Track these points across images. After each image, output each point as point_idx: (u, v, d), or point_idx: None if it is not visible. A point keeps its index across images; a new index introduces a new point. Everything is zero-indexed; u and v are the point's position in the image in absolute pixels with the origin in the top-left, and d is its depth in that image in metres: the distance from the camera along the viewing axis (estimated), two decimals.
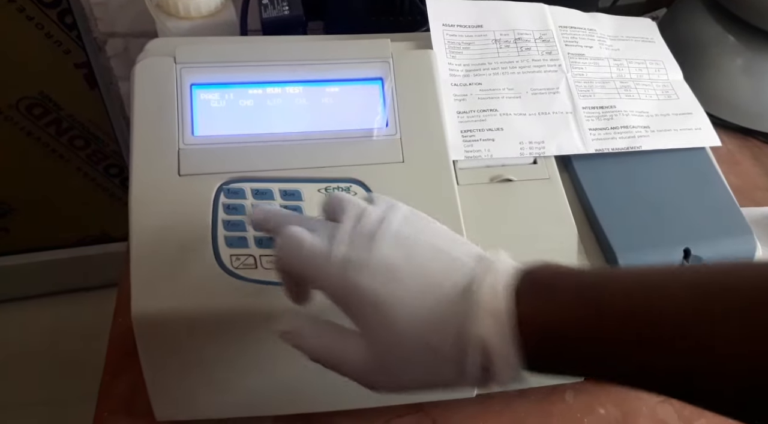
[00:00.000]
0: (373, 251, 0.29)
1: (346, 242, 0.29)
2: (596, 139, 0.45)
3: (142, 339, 0.36)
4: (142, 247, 0.37)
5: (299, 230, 0.30)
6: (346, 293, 0.29)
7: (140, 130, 0.40)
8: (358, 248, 0.29)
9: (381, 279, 0.28)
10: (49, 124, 0.99)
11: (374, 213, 0.30)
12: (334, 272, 0.29)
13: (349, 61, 0.44)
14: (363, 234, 0.29)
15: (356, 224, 0.30)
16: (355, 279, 0.28)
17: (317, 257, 0.29)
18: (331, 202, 0.32)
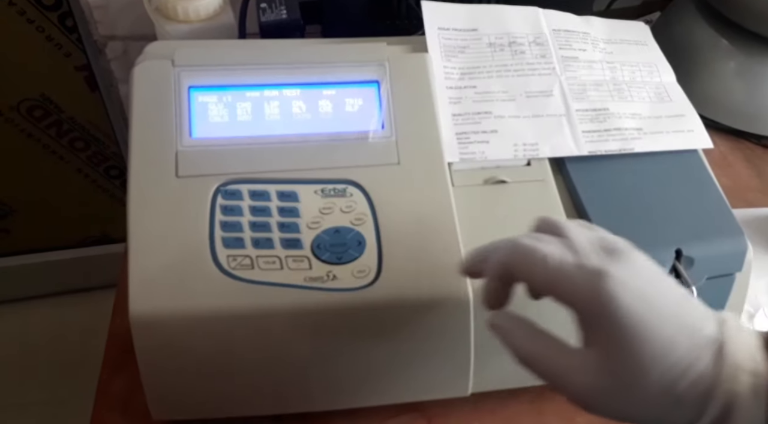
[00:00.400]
0: (632, 270, 0.28)
1: (598, 253, 0.29)
2: (589, 141, 0.46)
3: (139, 339, 0.37)
4: (139, 248, 0.38)
5: (533, 241, 0.30)
6: (599, 305, 0.27)
7: (138, 132, 0.40)
8: (613, 262, 0.28)
9: (642, 303, 0.27)
10: (50, 126, 1.00)
11: (611, 237, 0.30)
12: (587, 282, 0.28)
13: (345, 64, 0.44)
14: (610, 249, 0.29)
15: (598, 244, 0.30)
16: (612, 293, 0.27)
17: (566, 265, 0.28)
18: (547, 222, 0.32)
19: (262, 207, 0.40)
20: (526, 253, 0.30)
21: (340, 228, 0.40)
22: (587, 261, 0.28)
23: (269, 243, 0.39)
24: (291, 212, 0.40)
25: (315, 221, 0.40)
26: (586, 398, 0.28)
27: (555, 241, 0.30)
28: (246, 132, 0.42)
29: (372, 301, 0.38)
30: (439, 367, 0.41)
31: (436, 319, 0.39)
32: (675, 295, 0.29)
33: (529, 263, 0.29)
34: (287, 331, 0.38)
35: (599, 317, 0.27)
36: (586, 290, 0.27)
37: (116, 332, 0.46)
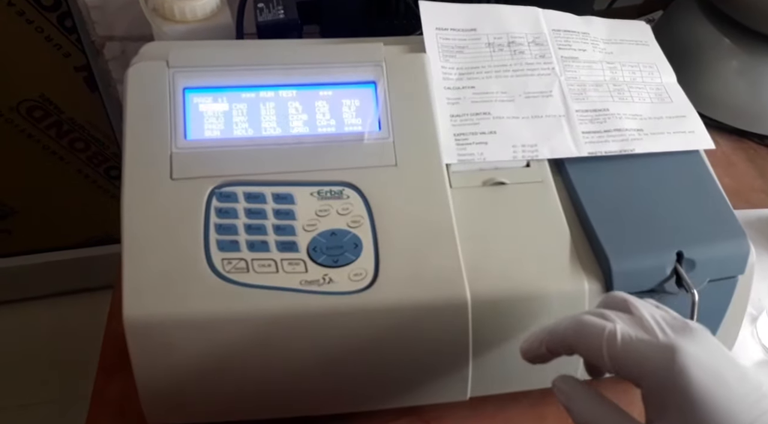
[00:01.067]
0: (702, 345, 0.28)
1: (667, 329, 0.29)
2: (589, 142, 0.45)
3: (134, 343, 0.37)
4: (133, 251, 0.37)
5: (599, 318, 0.30)
6: (671, 380, 0.27)
7: (132, 134, 0.40)
8: (683, 337, 0.28)
9: (712, 378, 0.27)
10: (50, 127, 1.00)
11: (673, 312, 0.31)
12: (660, 357, 0.28)
13: (342, 64, 0.44)
14: (687, 327, 0.29)
15: (667, 320, 0.30)
16: (686, 367, 0.27)
17: (637, 340, 0.29)
18: (614, 298, 0.32)
19: (258, 209, 0.40)
20: (593, 329, 0.30)
21: (337, 230, 0.40)
22: (660, 336, 0.29)
23: (264, 246, 0.39)
24: (287, 214, 0.40)
25: (311, 223, 0.40)
26: None
27: (623, 317, 0.30)
28: (241, 133, 0.42)
29: (369, 305, 0.38)
30: (437, 371, 0.41)
31: (433, 323, 0.39)
32: (744, 371, 0.29)
33: (596, 338, 0.29)
34: (283, 335, 0.38)
35: (671, 391, 0.27)
36: (658, 365, 0.28)
37: (112, 336, 0.46)
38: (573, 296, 0.40)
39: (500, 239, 0.41)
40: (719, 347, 0.29)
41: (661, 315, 0.30)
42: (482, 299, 0.39)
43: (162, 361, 0.37)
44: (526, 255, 0.41)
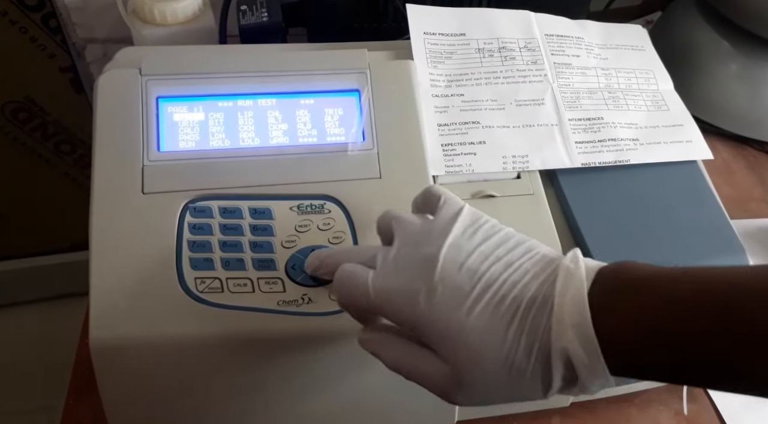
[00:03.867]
0: (435, 278, 0.28)
1: (404, 272, 0.29)
2: (583, 152, 0.43)
3: (100, 368, 0.35)
4: (101, 270, 0.36)
5: (351, 267, 0.31)
6: (416, 324, 0.29)
7: (102, 145, 0.38)
8: (417, 278, 0.29)
9: (448, 302, 0.28)
10: (35, 129, 0.98)
11: (431, 231, 0.30)
12: (402, 304, 0.29)
13: (324, 72, 0.42)
14: (420, 260, 0.29)
15: (412, 250, 0.30)
16: (421, 310, 0.28)
17: (384, 288, 0.30)
18: (384, 222, 0.33)
19: (234, 225, 0.38)
20: (350, 282, 0.31)
21: (317, 247, 0.38)
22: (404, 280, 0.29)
23: (240, 264, 0.37)
24: (264, 230, 0.38)
25: (290, 239, 0.38)
26: (446, 395, 0.29)
27: (380, 256, 0.31)
28: (217, 145, 0.40)
29: (350, 326, 0.36)
30: (423, 394, 0.39)
31: None
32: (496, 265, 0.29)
33: (354, 293, 0.30)
34: (259, 358, 0.36)
35: (424, 331, 0.29)
36: (405, 313, 0.29)
37: (84, 353, 0.44)
38: None
39: None
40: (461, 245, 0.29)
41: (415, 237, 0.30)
42: None
43: (131, 386, 0.36)
44: None
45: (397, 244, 0.31)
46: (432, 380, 0.29)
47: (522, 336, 0.27)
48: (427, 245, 0.30)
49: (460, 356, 0.28)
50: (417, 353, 0.30)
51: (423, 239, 0.30)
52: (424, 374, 0.29)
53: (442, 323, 0.28)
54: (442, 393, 0.29)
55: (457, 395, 0.29)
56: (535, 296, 0.27)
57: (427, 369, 0.29)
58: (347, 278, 0.31)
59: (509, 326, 0.27)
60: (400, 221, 0.32)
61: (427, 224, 0.31)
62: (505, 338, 0.27)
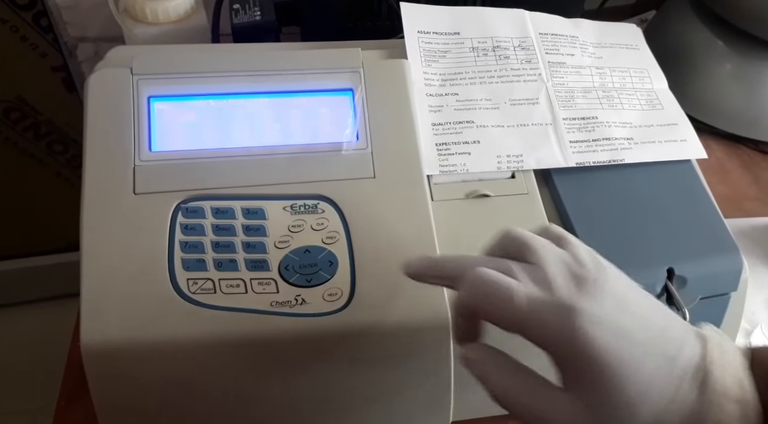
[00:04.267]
0: (604, 303, 0.26)
1: (569, 285, 0.27)
2: (577, 152, 0.43)
3: (92, 370, 0.34)
4: (93, 271, 0.35)
5: (495, 274, 0.27)
6: (573, 347, 0.25)
7: (93, 145, 0.38)
8: (585, 295, 0.26)
9: (614, 338, 0.25)
10: (27, 129, 0.97)
11: (582, 257, 0.28)
12: (558, 321, 0.26)
13: (317, 71, 0.42)
14: (584, 281, 0.27)
15: (568, 270, 0.27)
16: (587, 332, 0.25)
17: (535, 302, 0.26)
18: (512, 240, 0.29)
19: (226, 225, 0.37)
20: (489, 291, 0.27)
21: (311, 247, 0.38)
22: (557, 295, 0.26)
23: (233, 265, 0.36)
24: (257, 230, 0.38)
25: (283, 240, 0.38)
26: None
27: (521, 270, 0.28)
28: (210, 145, 0.40)
29: (344, 326, 0.36)
30: (417, 395, 0.39)
31: (413, 345, 0.37)
32: (653, 320, 0.27)
33: (494, 303, 0.27)
34: (252, 360, 0.36)
35: (574, 358, 0.26)
36: (557, 329, 0.26)
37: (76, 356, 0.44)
38: None
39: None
40: (626, 294, 0.27)
41: (562, 260, 0.28)
42: None
43: (123, 389, 0.35)
44: None
45: (546, 262, 0.28)
46: (558, 419, 0.26)
47: (680, 395, 0.25)
48: (582, 267, 0.27)
49: (612, 400, 0.25)
50: (540, 386, 0.27)
51: (574, 261, 0.28)
52: (547, 414, 0.26)
53: (604, 359, 0.25)
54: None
55: None
56: (694, 358, 0.26)
57: (552, 408, 0.26)
58: (492, 283, 0.27)
59: (668, 380, 0.25)
60: (537, 240, 0.29)
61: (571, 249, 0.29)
62: (662, 391, 0.25)
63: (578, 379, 0.26)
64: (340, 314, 0.36)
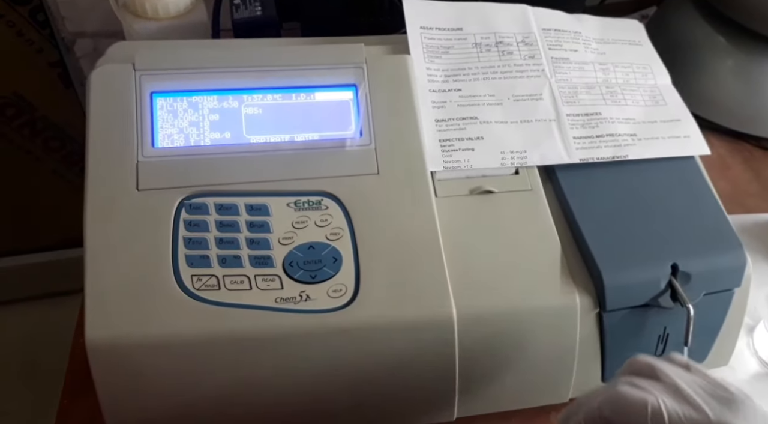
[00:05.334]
0: (749, 421, 0.26)
1: (711, 402, 0.27)
2: (581, 147, 0.43)
3: (97, 366, 0.34)
4: (97, 268, 0.35)
5: (634, 389, 0.28)
6: None
7: (96, 142, 0.37)
8: (730, 412, 0.26)
9: None
10: (23, 126, 0.96)
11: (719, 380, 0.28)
12: None
13: (320, 66, 0.42)
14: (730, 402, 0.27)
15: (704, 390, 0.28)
16: None
17: (676, 417, 0.27)
18: (640, 363, 0.30)
19: (230, 222, 0.37)
20: (634, 404, 0.27)
21: (315, 244, 0.37)
22: (703, 412, 0.26)
23: (237, 261, 0.36)
24: (261, 226, 0.37)
25: (287, 236, 0.37)
26: None
27: (657, 387, 0.28)
28: (213, 141, 0.39)
29: (349, 323, 0.36)
30: (422, 391, 0.39)
31: (418, 341, 0.37)
32: None
33: (638, 415, 0.27)
34: (256, 357, 0.35)
35: None
36: None
37: (79, 352, 0.43)
38: (564, 311, 0.38)
39: (488, 252, 0.39)
40: (765, 415, 0.27)
41: (699, 383, 0.28)
42: (469, 316, 0.37)
43: (128, 385, 0.35)
44: (515, 268, 0.39)
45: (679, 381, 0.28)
46: None
47: None
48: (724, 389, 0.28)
49: None
50: None
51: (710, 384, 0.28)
52: None
53: None
54: None
55: None
56: None
57: None
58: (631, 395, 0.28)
59: None
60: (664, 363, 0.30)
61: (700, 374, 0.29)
62: None
63: None
64: (345, 311, 0.36)
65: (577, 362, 0.40)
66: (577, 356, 0.39)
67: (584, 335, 0.39)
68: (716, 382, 0.28)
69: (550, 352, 0.39)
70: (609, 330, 0.39)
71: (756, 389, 0.47)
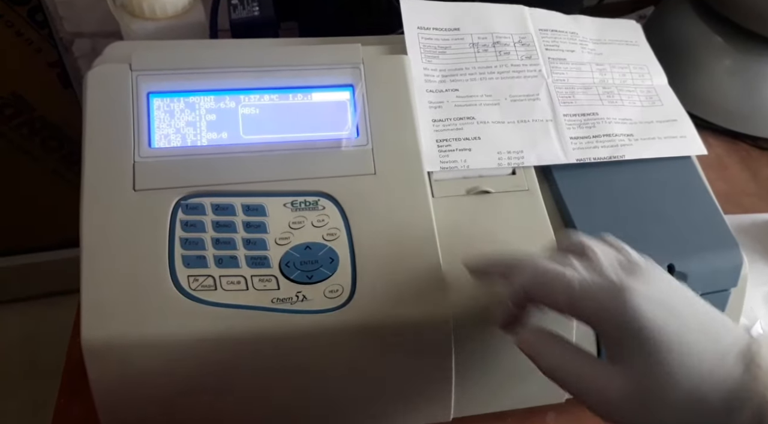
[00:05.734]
0: (653, 284, 0.28)
1: (619, 271, 0.29)
2: (577, 148, 0.43)
3: (93, 367, 0.34)
4: (93, 268, 0.35)
5: (556, 265, 0.30)
6: (623, 322, 0.28)
7: (92, 142, 0.37)
8: (634, 278, 0.29)
9: (663, 313, 0.27)
10: (21, 125, 0.96)
11: (634, 256, 0.31)
12: (611, 300, 0.28)
13: (317, 66, 0.42)
14: (634, 269, 0.29)
15: (619, 263, 0.30)
16: (634, 305, 0.27)
17: (589, 286, 0.29)
18: (570, 240, 0.33)
19: (227, 222, 0.37)
20: (551, 278, 0.30)
21: (311, 244, 0.37)
22: (609, 279, 0.29)
23: (234, 261, 0.36)
24: (258, 227, 0.37)
25: (284, 236, 0.37)
26: (611, 410, 0.28)
27: (577, 263, 0.30)
28: (210, 141, 0.39)
29: (345, 323, 0.36)
30: (418, 392, 0.39)
31: (414, 342, 0.37)
32: (698, 305, 0.29)
33: (554, 288, 0.30)
34: (253, 357, 0.36)
35: (624, 330, 0.28)
36: (610, 307, 0.28)
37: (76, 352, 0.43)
38: None
39: (485, 252, 0.39)
40: (671, 282, 0.29)
41: (615, 256, 0.31)
42: (466, 316, 0.37)
43: (124, 386, 0.35)
44: None
45: (599, 255, 0.30)
46: (604, 395, 0.28)
47: (724, 371, 0.26)
48: (633, 263, 0.30)
49: (657, 371, 0.27)
50: (590, 362, 0.29)
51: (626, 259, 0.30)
52: (595, 386, 0.28)
53: (652, 332, 0.27)
54: (611, 409, 0.28)
55: (625, 413, 0.27)
56: (741, 341, 0.27)
57: (601, 380, 0.28)
58: (549, 274, 0.30)
59: (713, 357, 0.26)
60: (592, 241, 0.32)
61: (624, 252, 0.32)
62: (706, 366, 0.26)
63: (625, 352, 0.28)
64: (341, 311, 0.36)
65: None
66: None
67: (580, 334, 0.39)
68: (631, 257, 0.31)
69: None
70: None
71: None
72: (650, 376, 0.27)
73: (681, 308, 0.28)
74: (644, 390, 0.27)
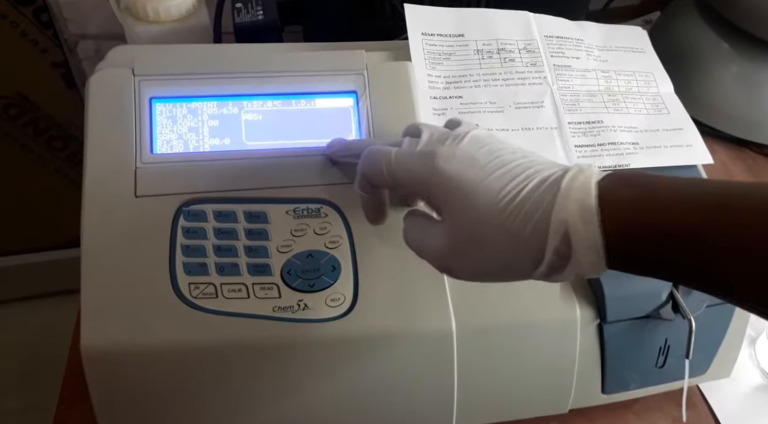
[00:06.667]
0: (459, 145, 0.30)
1: (432, 141, 0.32)
2: (582, 156, 0.43)
3: (92, 375, 0.34)
4: (94, 275, 0.35)
5: (384, 146, 0.33)
6: (429, 181, 0.30)
7: (94, 147, 0.37)
8: (444, 145, 0.31)
9: (461, 166, 0.30)
10: (26, 125, 0.96)
11: (459, 126, 0.33)
12: (421, 164, 0.31)
13: (321, 73, 0.41)
14: (449, 136, 0.31)
15: (444, 132, 0.32)
16: (438, 166, 0.30)
17: (404, 156, 0.31)
18: (412, 125, 0.35)
19: (228, 229, 0.37)
20: (375, 155, 0.32)
21: (314, 252, 0.37)
22: (423, 150, 0.31)
23: (235, 269, 0.36)
24: (259, 234, 0.37)
25: (286, 244, 0.37)
26: (443, 260, 0.30)
27: (405, 141, 0.33)
28: (212, 147, 0.39)
29: (347, 333, 0.36)
30: (420, 403, 0.38)
31: (416, 351, 0.37)
32: (518, 156, 0.30)
33: (376, 163, 0.32)
34: (254, 366, 0.35)
35: (434, 188, 0.30)
36: (420, 171, 0.31)
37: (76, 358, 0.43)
38: (564, 323, 0.38)
39: None
40: (483, 138, 0.31)
41: (441, 132, 0.32)
42: (468, 327, 0.37)
43: (123, 394, 0.35)
44: None
45: (426, 132, 0.32)
46: (432, 250, 0.30)
47: (526, 204, 0.27)
48: (454, 132, 0.32)
49: (464, 216, 0.29)
50: (426, 225, 0.32)
51: (452, 126, 0.33)
52: (430, 244, 0.31)
53: (454, 182, 0.29)
54: (439, 261, 0.30)
55: (452, 262, 0.30)
56: (546, 177, 0.28)
57: (430, 240, 0.31)
58: (374, 152, 0.33)
59: (516, 195, 0.28)
60: (428, 124, 0.34)
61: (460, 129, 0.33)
62: (510, 203, 0.28)
63: (442, 208, 0.30)
64: (343, 320, 0.36)
65: (577, 373, 0.39)
66: (577, 368, 0.39)
67: (584, 346, 0.39)
68: (450, 133, 0.32)
69: (550, 363, 0.39)
70: (609, 342, 0.39)
71: (758, 401, 0.46)
72: (463, 223, 0.29)
73: (482, 159, 0.29)
74: (461, 236, 0.29)
